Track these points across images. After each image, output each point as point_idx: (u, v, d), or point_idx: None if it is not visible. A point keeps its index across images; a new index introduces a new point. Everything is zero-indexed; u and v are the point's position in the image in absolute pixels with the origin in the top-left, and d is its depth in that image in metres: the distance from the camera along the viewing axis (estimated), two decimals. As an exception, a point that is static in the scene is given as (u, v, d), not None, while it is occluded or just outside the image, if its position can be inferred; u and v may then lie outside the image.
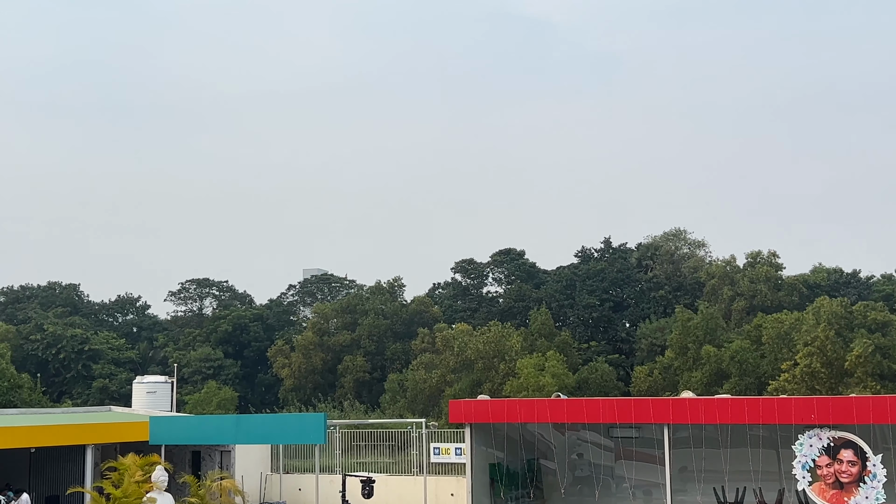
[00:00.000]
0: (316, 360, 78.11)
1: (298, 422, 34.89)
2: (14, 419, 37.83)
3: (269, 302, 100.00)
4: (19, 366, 73.14)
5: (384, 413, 63.99)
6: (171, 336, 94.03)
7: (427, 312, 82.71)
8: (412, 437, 39.80)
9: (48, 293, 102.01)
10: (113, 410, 46.14)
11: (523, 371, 58.81)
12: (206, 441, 37.16)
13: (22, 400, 61.07)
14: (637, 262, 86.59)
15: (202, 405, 71.07)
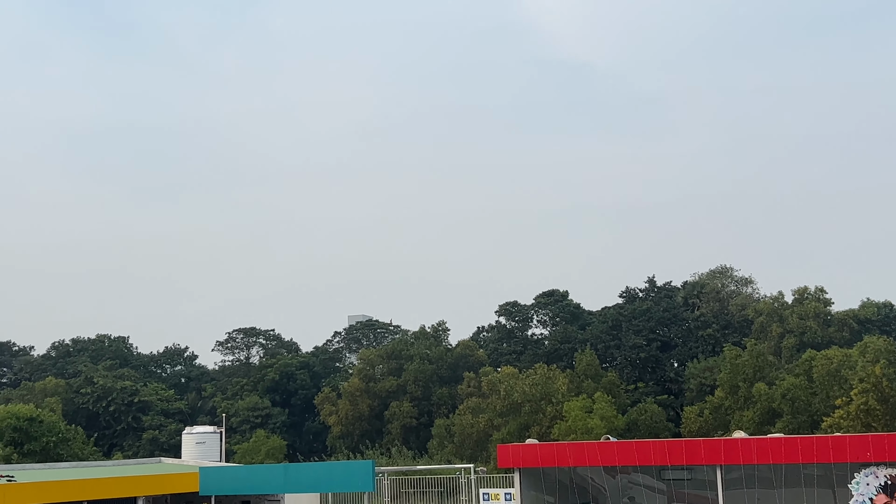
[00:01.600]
0: (363, 407, 77.99)
1: (347, 469, 34.77)
2: (66, 473, 38.13)
3: (315, 349, 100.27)
4: (70, 419, 73.89)
5: (432, 459, 63.55)
6: (219, 386, 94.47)
7: (472, 356, 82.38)
8: (461, 482, 39.51)
9: (98, 346, 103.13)
10: (163, 462, 46.32)
11: (571, 413, 58.20)
12: (256, 490, 37.10)
13: (73, 453, 61.50)
14: (683, 300, 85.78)
15: (251, 454, 71.12)
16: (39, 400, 77.88)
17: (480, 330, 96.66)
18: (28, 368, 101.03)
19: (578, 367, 70.79)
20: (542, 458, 31.11)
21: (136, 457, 68.91)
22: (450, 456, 62.87)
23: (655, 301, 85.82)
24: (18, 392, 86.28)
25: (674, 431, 64.46)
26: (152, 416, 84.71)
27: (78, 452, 62.21)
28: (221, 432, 51.44)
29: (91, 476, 36.55)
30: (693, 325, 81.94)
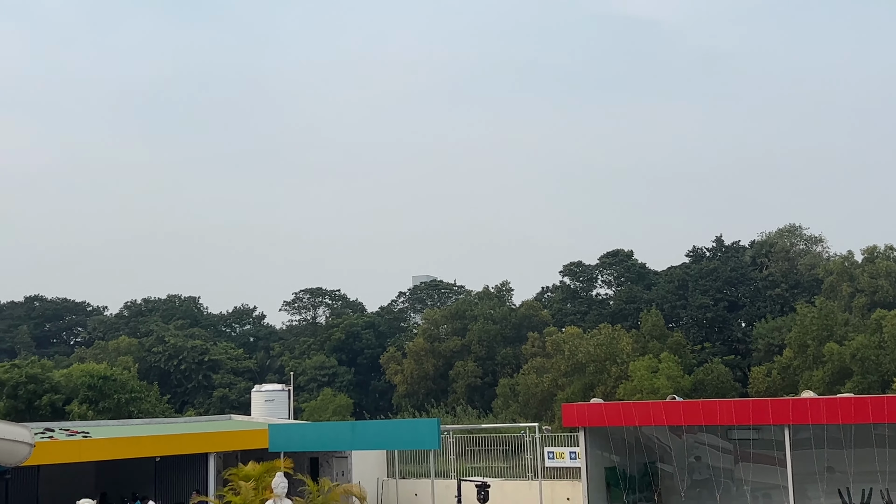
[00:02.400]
0: (427, 366, 78.58)
1: (412, 427, 35.11)
2: (139, 429, 39.13)
3: (380, 309, 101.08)
4: (143, 377, 75.64)
5: (496, 418, 63.83)
6: (287, 345, 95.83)
7: (536, 316, 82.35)
8: (525, 441, 39.64)
9: (169, 306, 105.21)
10: (233, 419, 47.24)
11: (636, 374, 58.00)
12: (324, 447, 37.69)
13: (146, 410, 63.03)
14: (751, 260, 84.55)
15: (318, 412, 72.20)
16: (113, 359, 79.81)
17: (544, 290, 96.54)
18: (101, 328, 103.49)
19: (644, 328, 70.42)
20: (607, 418, 31.05)
21: (207, 414, 70.34)
22: (514, 415, 63.10)
23: (723, 261, 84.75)
24: (92, 351, 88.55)
25: (741, 392, 63.90)
26: (222, 375, 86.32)
27: (151, 409, 63.72)
28: (289, 390, 52.21)
29: (164, 432, 37.46)
30: (761, 284, 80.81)
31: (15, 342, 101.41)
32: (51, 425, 36.97)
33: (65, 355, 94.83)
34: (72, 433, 34.67)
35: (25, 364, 65.06)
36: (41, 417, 55.32)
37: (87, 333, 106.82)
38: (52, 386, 62.18)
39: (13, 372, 62.24)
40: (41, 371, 63.28)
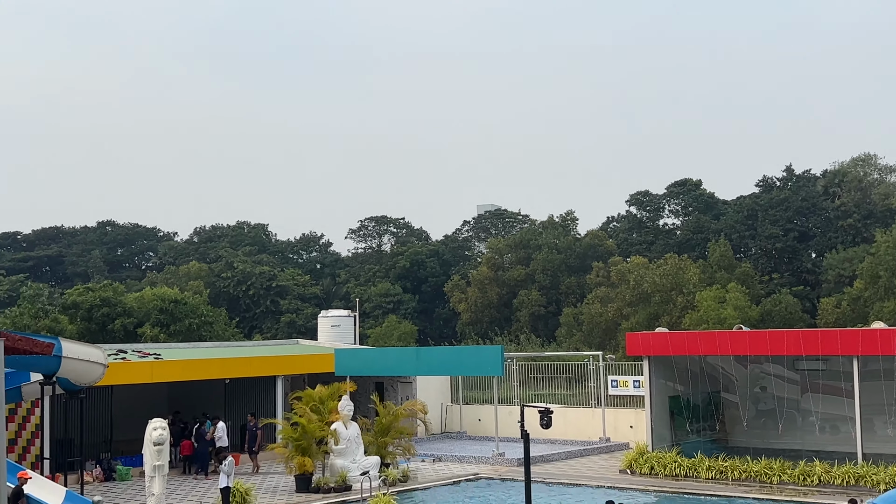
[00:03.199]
0: (491, 295, 78.86)
1: (476, 354, 35.44)
2: (209, 352, 39.99)
3: (445, 238, 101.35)
4: (212, 302, 77.08)
5: (560, 346, 64.06)
6: (353, 272, 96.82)
7: (601, 246, 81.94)
8: (589, 369, 39.74)
9: (237, 232, 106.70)
10: (300, 343, 48.05)
11: (703, 304, 57.59)
12: (389, 372, 38.27)
13: (216, 334, 64.39)
14: (823, 189, 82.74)
15: (383, 338, 73.09)
16: (183, 283, 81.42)
17: (610, 220, 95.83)
18: (172, 253, 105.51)
19: (711, 258, 69.71)
20: (672, 347, 30.93)
21: (275, 339, 71.60)
22: (578, 344, 63.28)
23: (793, 190, 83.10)
24: (163, 276, 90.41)
25: (809, 323, 63.11)
26: (289, 301, 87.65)
27: (220, 333, 65.09)
28: (355, 316, 52.81)
29: (233, 355, 38.26)
30: (833, 214, 79.18)
31: (88, 266, 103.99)
32: (123, 347, 37.97)
33: (136, 280, 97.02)
34: (144, 355, 35.59)
35: (99, 288, 66.70)
36: (114, 340, 56.87)
37: (157, 258, 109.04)
38: (125, 309, 63.71)
39: (87, 295, 63.90)
40: (113, 294, 64.83)
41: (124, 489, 30.31)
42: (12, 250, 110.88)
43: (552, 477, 30.62)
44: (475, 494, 29.39)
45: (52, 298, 78.39)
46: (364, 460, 29.72)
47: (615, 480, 29.69)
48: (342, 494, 28.05)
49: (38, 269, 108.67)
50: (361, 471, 28.63)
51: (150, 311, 64.48)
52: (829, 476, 27.32)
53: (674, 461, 29.77)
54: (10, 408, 29.12)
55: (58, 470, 28.06)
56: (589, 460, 34.59)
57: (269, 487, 29.91)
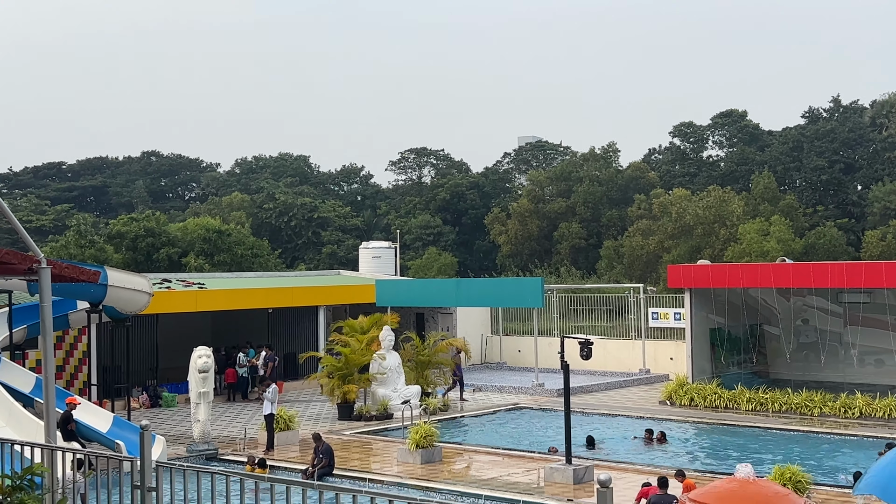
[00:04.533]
0: (532, 227, 78.66)
1: (517, 286, 35.49)
2: (253, 282, 40.41)
3: (485, 170, 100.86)
4: (254, 232, 77.64)
5: (600, 279, 63.93)
6: (393, 204, 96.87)
7: (643, 178, 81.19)
8: (629, 302, 39.70)
9: (279, 164, 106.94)
10: (342, 274, 48.40)
11: (746, 236, 57.07)
12: (429, 303, 38.48)
13: (259, 264, 64.91)
14: (871, 121, 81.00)
15: (424, 270, 73.31)
16: (226, 214, 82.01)
17: (652, 152, 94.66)
18: (214, 184, 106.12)
19: (755, 190, 68.83)
20: (713, 279, 30.76)
21: (317, 269, 72.10)
22: (619, 276, 63.11)
23: (840, 121, 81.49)
24: (206, 206, 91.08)
25: (853, 256, 62.35)
26: (331, 232, 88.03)
27: (263, 264, 65.59)
28: (396, 248, 53.00)
29: (276, 285, 38.65)
30: (880, 146, 77.62)
31: (132, 197, 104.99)
32: (168, 276, 38.44)
33: (179, 210, 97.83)
34: (188, 284, 36.03)
35: (143, 217, 67.34)
36: (159, 269, 57.48)
37: (200, 189, 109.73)
38: (169, 239, 64.31)
39: (131, 225, 64.53)
40: (157, 225, 65.42)
41: (170, 415, 30.93)
42: (57, 180, 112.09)
43: (591, 407, 30.80)
44: (514, 424, 29.68)
45: (97, 228, 79.40)
46: (405, 389, 30.04)
47: (654, 411, 29.80)
48: (383, 422, 28.44)
49: (83, 199, 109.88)
50: (402, 399, 28.96)
51: (193, 241, 65.06)
52: (870, 409, 27.20)
53: (714, 393, 29.81)
54: (58, 335, 29.67)
55: (105, 396, 28.68)
56: (628, 391, 34.74)
57: (312, 415, 30.37)
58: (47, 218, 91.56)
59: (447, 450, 23.70)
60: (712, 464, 22.78)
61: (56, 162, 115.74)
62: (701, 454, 24.69)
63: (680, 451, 24.68)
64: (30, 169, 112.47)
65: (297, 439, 25.35)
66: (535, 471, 21.44)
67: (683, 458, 23.68)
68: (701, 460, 23.60)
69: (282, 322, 37.08)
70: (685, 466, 20.40)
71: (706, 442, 26.41)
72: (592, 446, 24.60)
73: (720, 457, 23.77)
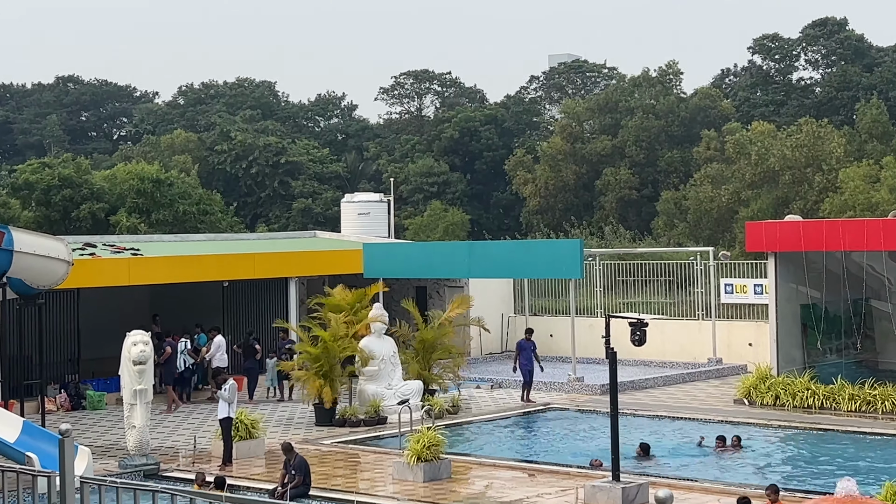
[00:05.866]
0: (567, 174, 78.57)
1: (548, 251, 35.50)
2: (203, 246, 40.46)
3: (506, 99, 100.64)
4: (204, 183, 77.65)
5: (657, 241, 63.93)
6: (385, 145, 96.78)
7: (713, 108, 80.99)
8: (696, 270, 39.68)
9: (236, 92, 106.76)
10: (318, 237, 48.43)
11: (848, 184, 57.02)
12: (433, 274, 38.52)
13: (211, 224, 64.96)
14: None
15: (426, 230, 73.32)
16: (166, 158, 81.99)
17: (725, 73, 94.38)
18: (151, 119, 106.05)
19: (861, 124, 68.57)
20: (805, 240, 30.72)
21: (286, 230, 72.25)
22: (681, 237, 63.11)
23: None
24: (141, 148, 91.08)
25: None
26: (303, 182, 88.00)
27: (216, 223, 65.67)
28: (389, 201, 52.98)
29: (233, 251, 38.67)
30: None
31: (43, 136, 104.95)
32: (92, 240, 38.49)
33: (106, 153, 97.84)
34: (118, 250, 36.08)
35: (58, 163, 67.41)
36: (80, 231, 57.67)
37: (132, 126, 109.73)
38: (93, 192, 64.41)
39: (43, 173, 64.60)
40: (77, 172, 65.46)
41: (97, 420, 31.08)
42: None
43: (646, 408, 30.86)
44: (544, 429, 29.74)
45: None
46: (402, 385, 30.13)
47: (729, 413, 29.85)
48: (374, 428, 28.53)
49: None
50: (399, 399, 29.05)
51: (124, 194, 65.17)
52: None
53: (806, 388, 29.86)
54: (-49, 316, 29.74)
55: (12, 396, 28.79)
56: (694, 387, 34.78)
57: (282, 419, 30.49)
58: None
59: (457, 464, 23.78)
60: (804, 479, 22.86)
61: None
62: (788, 466, 24.78)
63: (760, 463, 24.78)
64: None
65: (263, 450, 25.46)
66: (572, 490, 21.51)
67: (765, 472, 23.75)
68: (789, 474, 23.69)
69: (241, 298, 37.16)
70: (768, 482, 20.45)
71: (795, 451, 26.51)
72: (647, 456, 24.68)
73: (814, 470, 23.86)
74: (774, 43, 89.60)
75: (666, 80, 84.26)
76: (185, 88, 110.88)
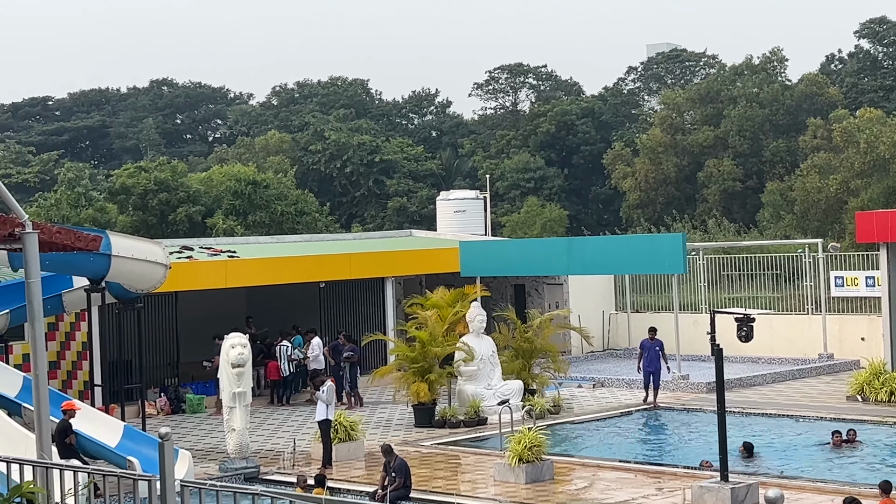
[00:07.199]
0: (668, 167, 78.06)
1: (649, 246, 35.13)
2: (299, 247, 40.79)
3: (603, 91, 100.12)
4: (299, 183, 78.30)
5: (763, 234, 63.27)
6: (480, 141, 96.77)
7: (820, 95, 79.83)
8: (804, 263, 39.20)
9: (329, 92, 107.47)
10: (414, 235, 48.57)
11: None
12: (532, 271, 38.40)
13: (306, 224, 65.46)
14: None
15: (523, 227, 73.21)
16: (261, 160, 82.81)
17: (832, 59, 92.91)
18: (245, 120, 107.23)
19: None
20: (920, 231, 30.19)
21: (381, 230, 72.57)
22: (788, 230, 62.40)
23: None
24: (235, 150, 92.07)
25: None
26: (398, 180, 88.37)
27: (311, 224, 66.16)
28: (485, 198, 53.01)
29: (329, 251, 38.95)
30: None
31: (140, 140, 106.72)
32: (189, 242, 39.01)
33: (201, 156, 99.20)
34: (215, 252, 36.53)
35: (154, 167, 68.41)
36: (177, 234, 58.45)
37: (227, 128, 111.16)
38: (189, 195, 65.26)
39: (140, 177, 65.60)
40: (173, 176, 66.37)
41: (197, 423, 31.53)
42: (43, 121, 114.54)
43: (754, 406, 30.57)
44: (650, 429, 29.57)
45: (95, 182, 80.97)
46: (502, 385, 30.11)
47: (841, 410, 29.46)
48: (474, 429, 28.56)
49: (76, 143, 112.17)
50: (499, 399, 29.04)
51: (220, 197, 65.98)
52: None
53: (923, 384, 29.38)
54: (50, 321, 30.38)
55: (112, 400, 29.27)
56: (804, 384, 34.43)
57: (381, 420, 30.66)
58: (31, 170, 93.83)
59: (560, 464, 23.74)
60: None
61: (40, 97, 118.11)
62: (905, 466, 24.36)
63: (875, 462, 24.38)
64: (6, 107, 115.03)
65: (363, 452, 25.61)
66: (678, 491, 21.38)
67: (881, 470, 23.36)
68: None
69: (338, 299, 37.41)
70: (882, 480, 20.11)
71: (913, 450, 26.06)
72: (751, 455, 24.50)
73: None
74: (882, 27, 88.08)
75: (770, 67, 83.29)
76: (278, 89, 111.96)
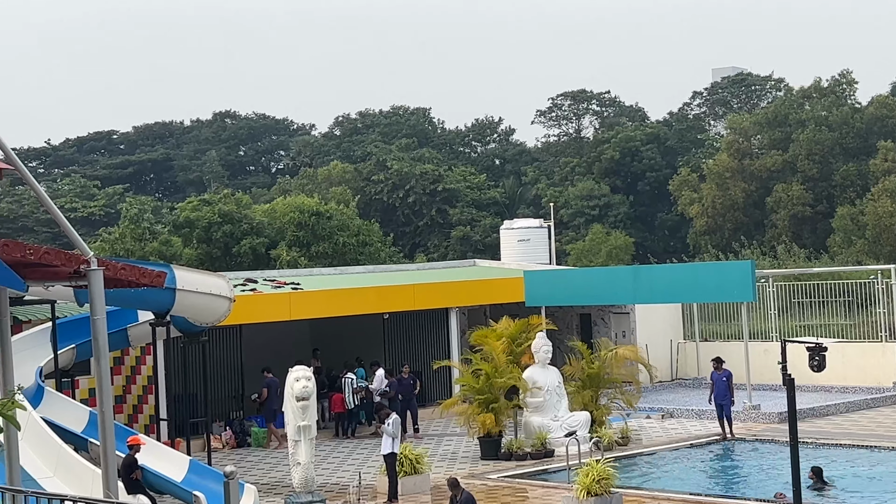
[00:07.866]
0: (735, 192, 77.64)
1: (717, 273, 34.99)
2: (363, 279, 40.94)
3: (668, 116, 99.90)
4: (362, 213, 78.63)
5: (834, 259, 62.70)
6: (543, 168, 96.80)
7: (892, 118, 79.08)
8: (877, 289, 38.79)
9: (391, 121, 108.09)
10: (478, 265, 48.58)
11: None
12: (597, 301, 38.29)
13: (369, 256, 65.66)
14: None
15: (588, 255, 73.01)
16: (324, 190, 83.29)
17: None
18: (308, 151, 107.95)
19: None
20: None
21: (445, 259, 72.59)
22: (859, 255, 61.84)
23: None
24: (298, 181, 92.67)
25: None
26: (461, 209, 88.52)
27: (374, 254, 66.35)
28: (549, 226, 52.94)
29: (392, 282, 39.04)
30: None
31: (203, 172, 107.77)
32: (253, 275, 39.26)
33: (264, 187, 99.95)
34: (279, 284, 36.76)
35: (218, 199, 68.92)
36: (241, 266, 58.85)
37: (290, 159, 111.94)
38: (252, 226, 65.65)
39: (203, 210, 66.09)
40: (237, 208, 66.87)
41: (262, 457, 31.63)
42: (107, 154, 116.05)
43: (827, 436, 30.19)
44: (721, 460, 29.28)
45: (159, 215, 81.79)
46: (569, 417, 29.97)
47: (918, 440, 29.06)
48: (541, 462, 28.45)
49: (141, 177, 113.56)
50: (566, 431, 28.90)
51: (284, 228, 66.31)
52: None
53: None
54: (115, 355, 30.64)
55: (178, 434, 29.51)
56: (879, 413, 34.01)
57: (447, 453, 30.59)
58: (96, 204, 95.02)
59: (629, 498, 23.57)
60: None
61: (105, 131, 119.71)
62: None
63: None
64: (72, 141, 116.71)
65: (429, 486, 25.57)
66: (751, 525, 21.16)
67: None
68: None
69: (401, 330, 37.45)
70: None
71: None
72: (821, 480, 24.18)
73: None
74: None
75: (839, 89, 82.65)
76: (341, 119, 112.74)
